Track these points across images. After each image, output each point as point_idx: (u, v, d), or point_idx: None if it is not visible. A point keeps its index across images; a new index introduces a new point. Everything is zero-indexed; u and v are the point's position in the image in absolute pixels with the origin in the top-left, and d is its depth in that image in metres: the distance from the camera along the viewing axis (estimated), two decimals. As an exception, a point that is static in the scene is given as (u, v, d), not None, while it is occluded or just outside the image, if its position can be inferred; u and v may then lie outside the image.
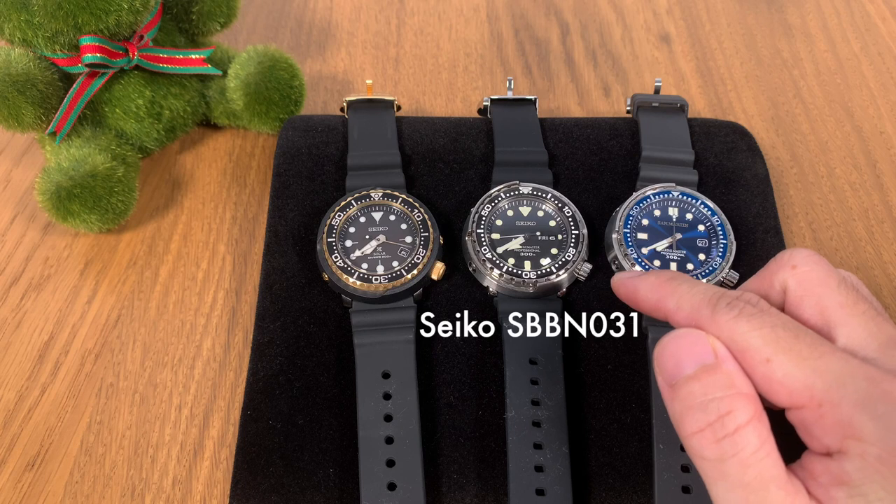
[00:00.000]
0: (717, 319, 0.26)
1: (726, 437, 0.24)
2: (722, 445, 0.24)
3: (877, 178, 0.49)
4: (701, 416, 0.25)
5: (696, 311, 0.27)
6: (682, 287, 0.28)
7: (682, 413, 0.25)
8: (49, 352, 0.41)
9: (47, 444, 0.38)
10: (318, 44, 0.56)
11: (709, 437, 0.24)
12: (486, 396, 0.37)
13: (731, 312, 0.26)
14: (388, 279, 0.38)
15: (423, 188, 0.44)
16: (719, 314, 0.26)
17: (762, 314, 0.25)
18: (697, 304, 0.27)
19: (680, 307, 0.27)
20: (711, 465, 0.25)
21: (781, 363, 0.24)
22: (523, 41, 0.57)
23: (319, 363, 0.38)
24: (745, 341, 0.25)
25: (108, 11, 0.41)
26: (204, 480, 0.37)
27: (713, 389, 0.25)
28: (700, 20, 0.59)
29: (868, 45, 0.57)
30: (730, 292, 0.27)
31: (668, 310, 0.28)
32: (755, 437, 0.24)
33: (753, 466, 0.24)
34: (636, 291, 0.30)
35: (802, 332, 0.25)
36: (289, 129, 0.46)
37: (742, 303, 0.26)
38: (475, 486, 0.35)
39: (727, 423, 0.24)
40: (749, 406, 0.24)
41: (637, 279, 0.30)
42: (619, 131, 0.46)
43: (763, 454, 0.24)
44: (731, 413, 0.24)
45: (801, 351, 0.24)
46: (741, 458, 0.24)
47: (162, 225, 0.46)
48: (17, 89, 0.41)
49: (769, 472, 0.24)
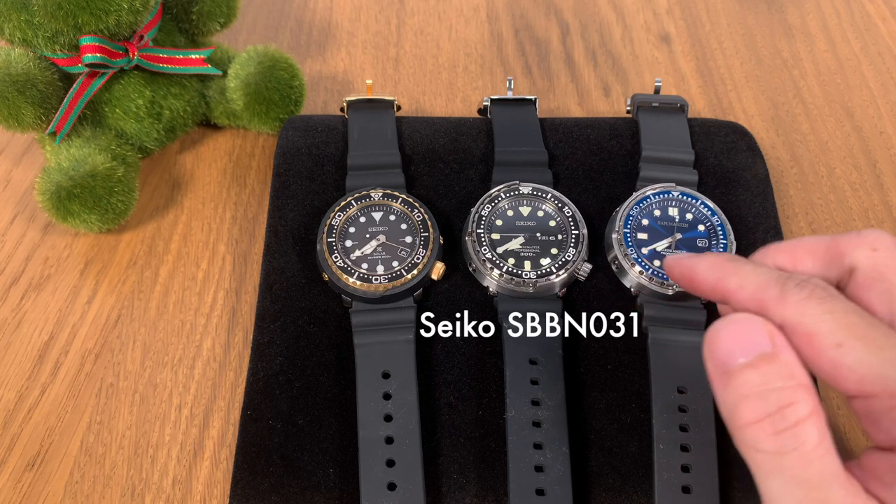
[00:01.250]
0: (786, 299, 0.24)
1: (787, 429, 0.23)
2: (781, 438, 0.23)
3: (877, 178, 0.49)
4: (759, 405, 0.23)
5: (763, 290, 0.25)
6: (746, 267, 0.26)
7: (737, 402, 0.24)
8: (49, 352, 0.41)
9: (47, 444, 0.38)
10: (318, 44, 0.56)
11: (767, 429, 0.23)
12: (486, 396, 0.37)
13: (801, 293, 0.24)
14: (388, 279, 0.38)
15: (423, 188, 0.44)
16: (788, 294, 0.24)
17: (833, 298, 0.24)
18: (764, 283, 0.25)
19: (743, 286, 0.26)
20: (768, 458, 0.23)
21: (854, 349, 0.23)
22: (523, 41, 0.57)
23: (319, 363, 0.38)
24: (815, 324, 0.24)
25: (108, 11, 0.41)
26: (204, 480, 0.37)
27: (772, 379, 0.24)
28: (700, 20, 0.59)
29: (868, 45, 0.57)
30: (796, 274, 0.26)
31: (728, 289, 0.26)
32: (816, 431, 0.23)
33: (815, 462, 0.23)
34: (694, 270, 0.28)
35: (876, 322, 0.24)
36: (289, 129, 0.46)
37: (812, 285, 0.25)
38: (475, 486, 0.35)
39: (788, 415, 0.23)
40: (810, 398, 0.23)
41: (694, 259, 0.28)
42: (619, 131, 0.46)
43: (823, 450, 0.23)
44: (793, 405, 0.23)
45: (875, 339, 0.23)
46: (802, 452, 0.23)
47: (162, 225, 0.46)
48: (17, 89, 0.41)
49: (830, 468, 0.23)
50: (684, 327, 0.38)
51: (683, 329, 0.38)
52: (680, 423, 0.35)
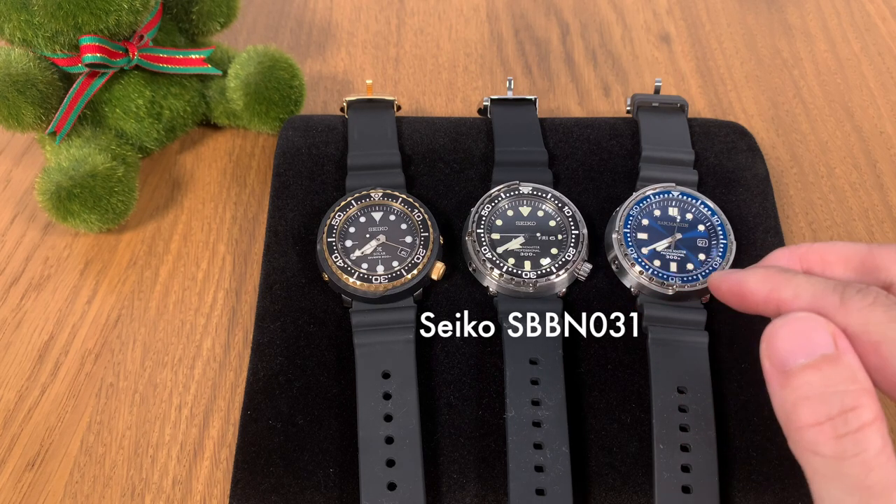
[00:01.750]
0: (849, 307, 0.24)
1: (849, 434, 0.22)
2: (843, 443, 0.22)
3: (877, 178, 0.49)
4: (821, 408, 0.23)
5: (821, 297, 0.25)
6: (799, 277, 0.26)
7: (796, 403, 0.23)
8: (49, 352, 0.41)
9: (47, 444, 0.38)
10: (318, 44, 0.56)
11: (828, 433, 0.23)
12: (486, 396, 0.37)
13: (865, 300, 0.24)
14: (388, 279, 0.38)
15: (423, 188, 0.44)
16: (850, 301, 0.24)
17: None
18: (821, 291, 0.25)
19: (799, 295, 0.25)
20: (827, 462, 0.23)
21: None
22: (523, 41, 0.57)
23: (319, 363, 0.38)
24: (882, 332, 0.23)
25: (108, 11, 0.41)
26: (204, 480, 0.37)
27: (835, 381, 0.23)
28: (700, 20, 0.59)
29: (868, 45, 0.57)
30: (854, 282, 0.25)
31: (783, 300, 0.26)
32: (879, 437, 0.22)
33: (877, 469, 0.22)
34: (743, 284, 0.27)
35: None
36: (289, 129, 0.46)
37: (875, 292, 0.24)
38: (475, 486, 0.35)
39: (851, 420, 0.22)
40: (874, 404, 0.23)
41: (742, 273, 0.28)
42: (619, 131, 0.46)
43: (885, 457, 0.22)
44: (857, 409, 0.22)
45: None
46: (864, 458, 0.22)
47: (162, 225, 0.46)
48: (17, 89, 0.41)
49: (892, 475, 0.22)
50: (684, 327, 0.38)
51: (683, 329, 0.38)
52: (680, 423, 0.35)
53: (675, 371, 0.36)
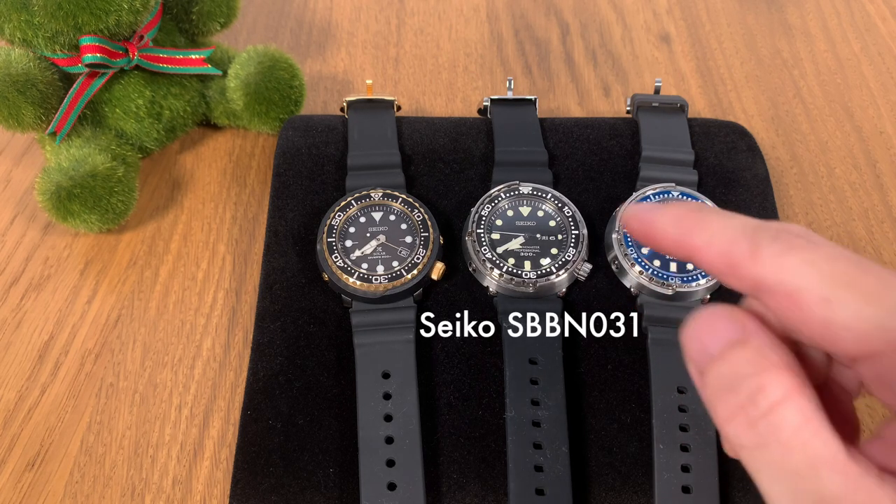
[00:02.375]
0: (760, 255, 0.21)
1: (761, 417, 0.20)
2: (758, 429, 0.20)
3: (877, 178, 0.49)
4: (732, 398, 0.21)
5: (732, 245, 0.21)
6: (712, 218, 0.23)
7: (713, 400, 0.21)
8: (49, 352, 0.41)
9: (47, 444, 0.38)
10: (318, 44, 0.56)
11: (742, 422, 0.20)
12: (486, 396, 0.37)
13: (777, 245, 0.21)
14: (388, 279, 0.38)
15: (423, 188, 0.44)
16: (762, 249, 0.21)
17: (815, 246, 0.20)
18: (732, 237, 0.22)
19: (711, 242, 0.22)
20: (752, 455, 0.20)
21: (845, 302, 0.19)
22: (523, 41, 0.57)
23: (319, 363, 0.38)
24: (796, 280, 0.20)
25: (108, 11, 0.41)
26: (204, 480, 0.37)
27: (742, 367, 0.21)
28: (700, 20, 0.59)
29: (868, 45, 0.57)
30: (770, 223, 0.22)
31: (694, 246, 0.23)
32: (795, 413, 0.20)
33: (798, 449, 0.19)
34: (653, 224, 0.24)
35: (867, 264, 0.20)
36: (289, 129, 0.46)
37: (789, 234, 0.21)
38: (475, 486, 0.35)
39: (760, 402, 0.20)
40: (784, 379, 0.20)
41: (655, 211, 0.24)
42: (619, 131, 0.46)
43: (808, 433, 0.19)
44: (764, 389, 0.20)
45: (867, 285, 0.19)
46: (781, 440, 0.20)
47: (162, 225, 0.46)
48: (18, 89, 0.41)
49: (819, 453, 0.19)
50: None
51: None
52: (680, 423, 0.35)
53: (675, 371, 0.36)
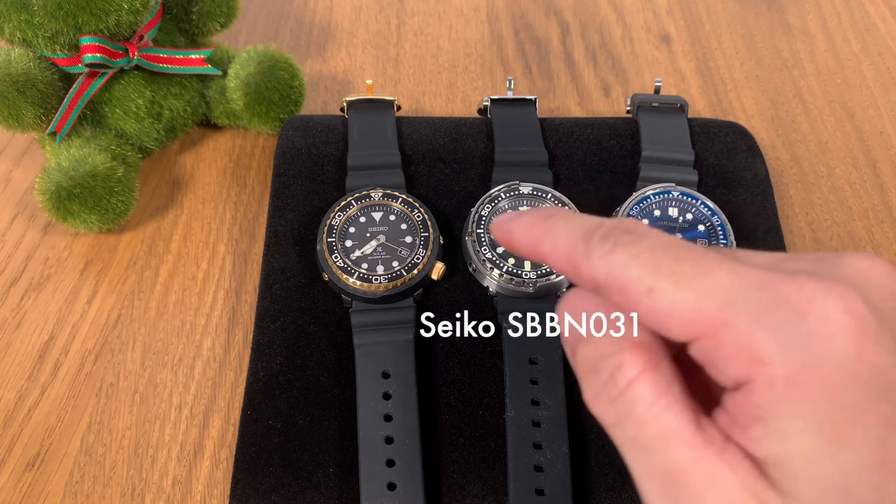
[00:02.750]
0: (592, 257, 0.22)
1: (619, 395, 0.21)
2: (617, 407, 0.21)
3: (877, 178, 0.49)
4: (595, 378, 0.21)
5: (571, 249, 0.22)
6: (559, 225, 0.23)
7: (581, 380, 0.22)
8: (49, 352, 0.41)
9: (47, 444, 0.38)
10: (318, 44, 0.56)
11: (604, 401, 0.21)
12: (486, 396, 0.37)
13: (606, 245, 0.22)
14: (388, 279, 0.38)
15: (423, 188, 0.44)
16: (594, 251, 0.22)
17: (639, 239, 0.21)
18: (572, 241, 0.23)
19: (556, 248, 0.23)
20: (615, 432, 0.21)
21: (665, 290, 0.20)
22: (523, 41, 0.57)
23: (319, 363, 0.38)
24: (624, 275, 0.21)
25: (108, 11, 0.41)
26: (204, 480, 0.37)
27: (603, 347, 0.22)
28: (700, 20, 0.59)
29: (868, 45, 0.57)
30: (607, 221, 0.23)
31: (544, 253, 0.24)
32: (648, 390, 0.20)
33: (650, 424, 0.20)
34: (511, 236, 0.25)
35: (685, 250, 0.21)
36: (289, 129, 0.46)
37: (618, 231, 0.22)
38: (475, 486, 0.35)
39: (618, 380, 0.21)
40: (639, 356, 0.21)
41: (511, 221, 0.25)
42: (619, 131, 0.46)
43: (660, 408, 0.20)
44: (622, 367, 0.21)
45: (684, 271, 0.20)
46: (636, 416, 0.20)
47: (162, 225, 0.46)
48: (17, 89, 0.41)
49: (669, 427, 0.20)
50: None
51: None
52: None
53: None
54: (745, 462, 0.19)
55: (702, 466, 0.19)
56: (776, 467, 0.19)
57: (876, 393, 0.18)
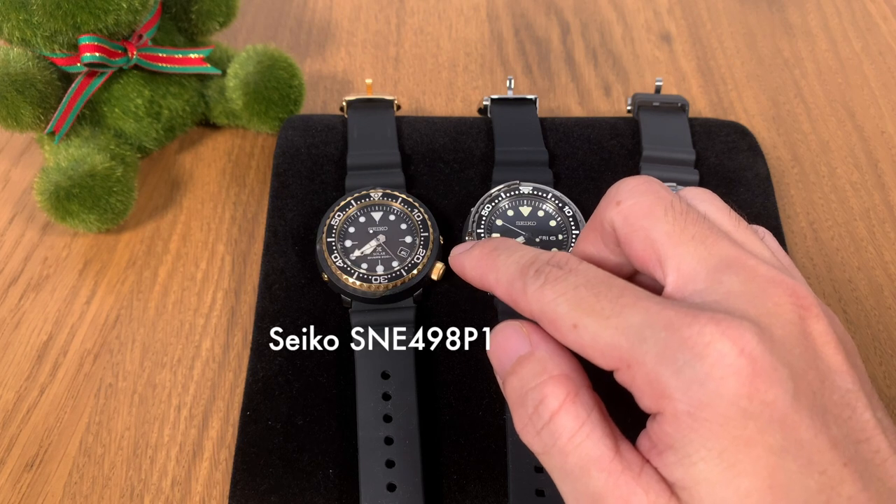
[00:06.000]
0: (527, 292, 0.23)
1: (544, 427, 0.22)
2: (542, 437, 0.22)
3: (878, 178, 0.49)
4: (522, 410, 0.23)
5: (510, 284, 0.24)
6: (501, 258, 0.25)
7: (511, 412, 0.24)
8: (48, 352, 0.41)
9: (46, 444, 0.38)
10: (317, 43, 0.56)
11: (531, 432, 0.23)
12: (485, 397, 0.37)
13: (538, 281, 0.23)
14: (387, 279, 0.38)
15: (423, 188, 0.43)
16: (528, 286, 0.24)
17: (567, 276, 0.23)
18: (511, 276, 0.24)
19: (498, 282, 0.25)
20: (544, 461, 0.23)
21: (587, 327, 0.22)
22: (523, 41, 0.57)
23: (319, 363, 0.38)
24: (552, 310, 0.23)
25: (106, 11, 0.40)
26: (203, 481, 0.37)
27: (528, 379, 0.23)
28: (701, 19, 0.59)
29: (869, 44, 0.57)
30: (542, 256, 0.24)
31: (490, 286, 0.26)
32: (570, 420, 0.22)
33: (572, 453, 0.22)
34: (463, 269, 0.27)
35: (605, 287, 0.22)
36: (288, 128, 0.46)
37: (549, 267, 0.24)
38: (475, 486, 0.35)
39: (542, 413, 0.22)
40: (560, 388, 0.22)
41: (464, 255, 0.27)
42: (619, 131, 0.46)
43: (581, 437, 0.22)
44: (545, 400, 0.22)
45: (602, 309, 0.22)
46: (560, 446, 0.22)
47: (161, 225, 0.46)
48: (16, 89, 0.41)
49: (589, 454, 0.22)
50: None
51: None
52: None
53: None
54: (658, 485, 0.21)
55: (619, 491, 0.21)
56: (684, 490, 0.21)
57: (766, 425, 0.20)
